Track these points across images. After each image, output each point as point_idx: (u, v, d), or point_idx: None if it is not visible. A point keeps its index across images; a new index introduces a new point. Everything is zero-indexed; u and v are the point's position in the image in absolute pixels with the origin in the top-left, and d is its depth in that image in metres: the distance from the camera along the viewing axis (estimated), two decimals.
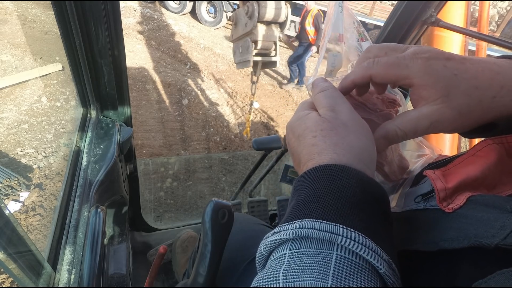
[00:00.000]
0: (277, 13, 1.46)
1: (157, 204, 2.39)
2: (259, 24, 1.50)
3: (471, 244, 0.26)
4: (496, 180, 0.33)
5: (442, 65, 0.31)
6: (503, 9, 5.62)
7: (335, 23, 0.44)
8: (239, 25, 1.60)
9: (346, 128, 0.32)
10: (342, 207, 0.25)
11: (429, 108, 0.31)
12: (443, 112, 0.30)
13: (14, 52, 3.13)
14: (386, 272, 0.23)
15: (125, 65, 0.81)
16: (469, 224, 0.28)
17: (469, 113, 0.30)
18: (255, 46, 1.57)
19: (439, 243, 0.29)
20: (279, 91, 4.82)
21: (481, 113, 0.30)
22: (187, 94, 4.19)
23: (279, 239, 0.26)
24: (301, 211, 0.27)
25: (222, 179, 2.81)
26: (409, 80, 0.32)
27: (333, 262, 0.23)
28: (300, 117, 0.35)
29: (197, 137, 3.55)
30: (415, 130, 0.33)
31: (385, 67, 0.33)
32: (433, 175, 0.35)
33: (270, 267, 0.25)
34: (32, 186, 1.95)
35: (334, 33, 0.44)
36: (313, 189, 0.27)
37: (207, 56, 5.29)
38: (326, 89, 0.36)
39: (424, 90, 0.31)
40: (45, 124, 2.46)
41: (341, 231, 0.24)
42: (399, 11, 0.85)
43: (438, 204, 0.32)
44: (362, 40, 0.46)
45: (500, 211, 0.27)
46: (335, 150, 0.30)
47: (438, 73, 0.30)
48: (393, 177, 0.43)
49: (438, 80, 0.30)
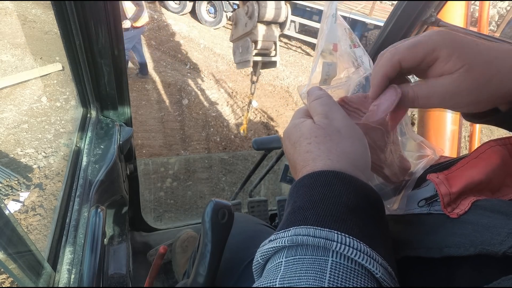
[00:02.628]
0: (277, 13, 1.46)
1: (157, 204, 2.39)
2: (259, 24, 1.50)
3: (478, 251, 0.26)
4: (501, 182, 0.33)
5: (463, 36, 0.31)
6: (503, 9, 5.62)
7: (329, 34, 0.45)
8: (239, 25, 1.60)
9: (339, 134, 0.32)
10: (337, 213, 0.26)
11: (449, 77, 0.31)
12: (462, 82, 0.30)
13: (14, 52, 3.13)
14: (382, 276, 0.23)
15: (125, 65, 0.81)
16: (475, 231, 0.28)
17: (486, 85, 0.30)
18: (255, 46, 1.57)
19: (443, 249, 0.28)
20: (279, 91, 4.82)
21: (497, 83, 0.30)
22: (187, 94, 4.19)
23: (275, 247, 0.27)
24: (296, 218, 0.27)
25: (222, 179, 2.81)
26: (436, 53, 0.31)
27: (328, 268, 0.23)
28: (295, 124, 0.35)
29: (197, 137, 3.55)
30: (428, 96, 0.32)
31: (410, 47, 0.33)
32: (436, 179, 0.34)
33: (267, 276, 0.26)
34: (32, 186, 1.95)
35: (328, 45, 0.45)
36: (308, 196, 0.28)
37: (207, 56, 5.29)
38: (321, 97, 0.36)
39: (449, 62, 0.31)
40: (45, 124, 2.46)
41: (336, 237, 0.24)
42: (399, 11, 0.85)
43: (443, 209, 0.32)
44: (355, 46, 0.46)
45: (506, 217, 0.27)
46: (329, 156, 0.30)
47: (462, 42, 0.30)
48: (394, 179, 0.42)
49: (463, 49, 0.30)
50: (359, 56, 0.46)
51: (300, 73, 5.37)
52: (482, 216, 0.29)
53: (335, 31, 0.45)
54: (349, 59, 0.46)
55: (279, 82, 5.04)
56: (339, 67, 0.46)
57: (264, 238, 0.28)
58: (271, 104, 4.48)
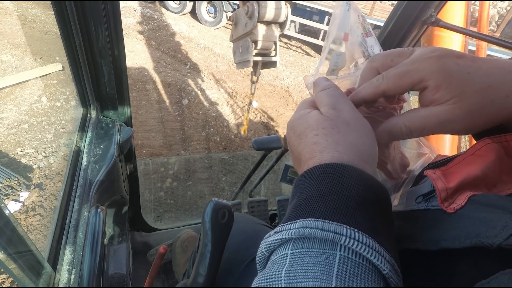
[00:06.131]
0: (277, 13, 1.46)
1: (157, 204, 2.39)
2: (259, 24, 1.49)
3: (473, 243, 0.26)
4: (496, 179, 0.33)
5: (455, 63, 0.30)
6: (503, 9, 5.62)
7: (341, 23, 0.44)
8: (239, 25, 1.60)
9: (348, 126, 0.31)
10: (345, 206, 0.25)
11: (440, 107, 0.30)
12: (454, 112, 0.30)
13: (14, 52, 3.13)
14: (389, 273, 0.23)
15: (125, 65, 0.81)
16: (471, 224, 0.28)
17: (480, 113, 0.29)
18: (255, 46, 1.57)
19: (440, 242, 0.28)
20: (279, 91, 4.82)
21: (493, 113, 0.29)
22: (187, 94, 4.19)
23: (280, 239, 0.26)
24: (304, 210, 0.26)
25: (222, 179, 2.81)
26: (424, 83, 0.31)
27: (336, 262, 0.23)
28: (301, 115, 0.34)
29: (197, 137, 3.55)
30: (422, 128, 0.32)
31: (397, 79, 0.32)
32: (433, 175, 0.34)
33: (272, 267, 0.25)
34: (32, 186, 1.95)
35: (339, 33, 0.44)
36: (315, 188, 0.27)
37: (207, 56, 5.29)
38: (328, 88, 0.35)
39: (438, 92, 0.30)
40: (45, 124, 2.46)
41: (345, 231, 0.23)
42: (399, 11, 0.85)
43: (440, 204, 0.32)
44: (367, 35, 0.45)
45: (502, 211, 0.27)
46: (337, 148, 0.30)
47: (452, 71, 0.30)
48: (395, 175, 0.42)
49: (452, 79, 0.29)
50: (370, 46, 0.45)
51: (300, 73, 5.37)
52: (478, 210, 0.29)
53: (347, 19, 0.44)
54: (359, 49, 0.45)
55: (279, 82, 5.04)
56: (348, 57, 0.45)
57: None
58: (271, 104, 4.48)
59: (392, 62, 0.34)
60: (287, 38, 6.35)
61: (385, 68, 0.35)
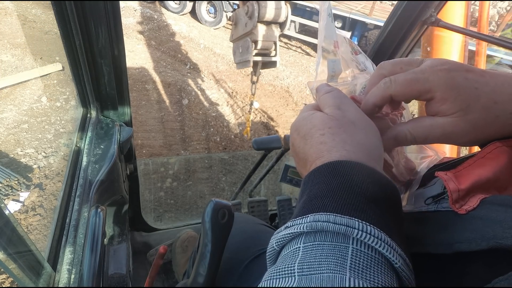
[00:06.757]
0: (277, 13, 1.46)
1: (157, 204, 2.39)
2: (259, 24, 1.49)
3: (491, 245, 0.26)
4: (508, 182, 0.33)
5: (464, 77, 0.30)
6: (503, 9, 5.61)
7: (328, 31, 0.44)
8: (239, 25, 1.60)
9: (354, 126, 0.32)
10: (356, 202, 0.25)
11: (445, 119, 0.31)
12: (458, 124, 0.30)
13: (14, 52, 3.13)
14: (401, 266, 0.23)
15: (125, 65, 0.81)
16: (485, 226, 0.27)
17: (484, 128, 0.30)
18: (255, 46, 1.57)
19: (454, 245, 0.28)
20: (279, 91, 4.82)
21: (497, 128, 0.30)
22: (187, 94, 4.19)
23: (292, 233, 0.26)
24: (314, 205, 0.26)
25: (222, 179, 2.81)
26: (431, 94, 0.31)
27: (349, 255, 0.23)
28: (305, 117, 0.35)
29: (197, 137, 3.55)
30: (425, 137, 0.33)
31: (405, 84, 0.32)
32: (445, 176, 0.34)
33: (284, 261, 0.25)
34: (32, 186, 1.95)
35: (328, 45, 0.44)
36: (326, 184, 0.27)
37: (207, 56, 5.29)
38: (332, 91, 0.36)
39: (444, 104, 0.31)
40: (45, 124, 2.46)
41: (357, 224, 0.24)
42: (399, 11, 0.85)
43: (451, 205, 0.32)
44: (356, 53, 0.46)
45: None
46: (344, 147, 0.30)
47: (460, 86, 0.30)
48: (401, 179, 0.43)
49: (460, 93, 0.30)
50: (361, 62, 0.46)
51: (300, 73, 5.37)
52: (491, 211, 0.28)
53: (333, 28, 0.45)
54: (352, 63, 0.46)
55: (279, 82, 5.04)
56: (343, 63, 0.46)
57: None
58: (271, 104, 4.48)
59: (401, 70, 0.35)
60: (287, 38, 6.35)
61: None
